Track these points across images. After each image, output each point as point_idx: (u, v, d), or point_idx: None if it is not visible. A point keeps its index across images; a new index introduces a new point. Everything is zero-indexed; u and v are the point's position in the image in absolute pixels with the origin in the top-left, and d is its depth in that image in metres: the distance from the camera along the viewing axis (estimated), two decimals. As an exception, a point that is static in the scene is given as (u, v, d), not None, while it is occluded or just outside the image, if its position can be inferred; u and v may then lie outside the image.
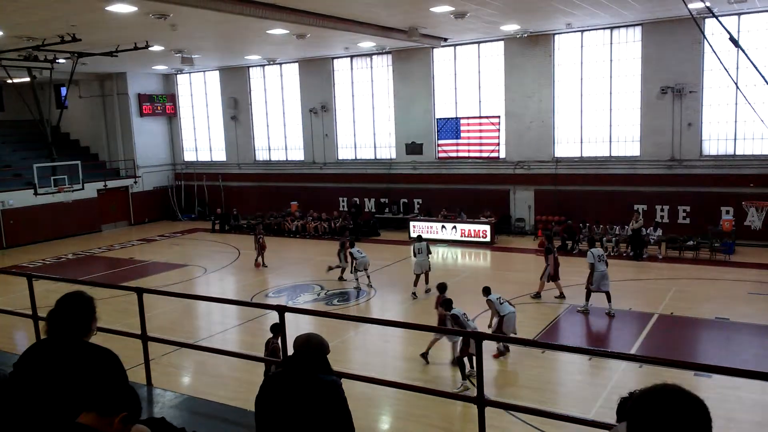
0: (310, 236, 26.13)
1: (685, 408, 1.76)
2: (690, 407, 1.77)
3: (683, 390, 1.80)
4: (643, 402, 1.82)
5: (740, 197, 18.67)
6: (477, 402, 4.72)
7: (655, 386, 1.85)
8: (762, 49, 19.50)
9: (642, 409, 1.81)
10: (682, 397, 1.79)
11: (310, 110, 28.87)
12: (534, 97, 23.86)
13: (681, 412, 1.75)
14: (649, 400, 1.81)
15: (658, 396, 1.80)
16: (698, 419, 1.76)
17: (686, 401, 1.78)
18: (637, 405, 1.83)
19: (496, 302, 11.94)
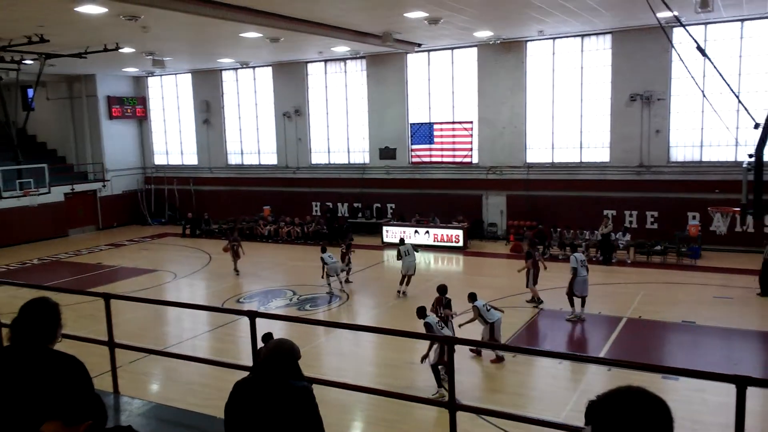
0: (283, 241, 25.97)
1: (647, 409, 1.79)
2: (652, 408, 1.79)
3: (645, 391, 1.83)
4: (606, 404, 1.84)
5: (706, 203, 19.07)
6: (449, 407, 4.73)
7: (618, 388, 1.87)
8: (727, 58, 20.00)
9: (605, 411, 1.83)
10: (644, 399, 1.81)
11: (284, 114, 28.73)
12: (507, 103, 24.11)
13: (643, 413, 1.78)
14: (612, 402, 1.83)
15: (620, 398, 1.83)
16: (660, 420, 1.78)
17: (648, 402, 1.80)
18: (601, 407, 1.85)
19: (482, 309, 11.79)
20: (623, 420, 1.79)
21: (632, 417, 1.78)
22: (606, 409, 1.83)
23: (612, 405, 1.82)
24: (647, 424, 1.77)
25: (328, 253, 17.66)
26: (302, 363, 3.85)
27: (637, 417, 1.78)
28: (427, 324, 10.74)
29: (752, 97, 19.01)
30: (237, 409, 3.86)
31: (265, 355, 3.90)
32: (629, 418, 1.78)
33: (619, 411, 1.81)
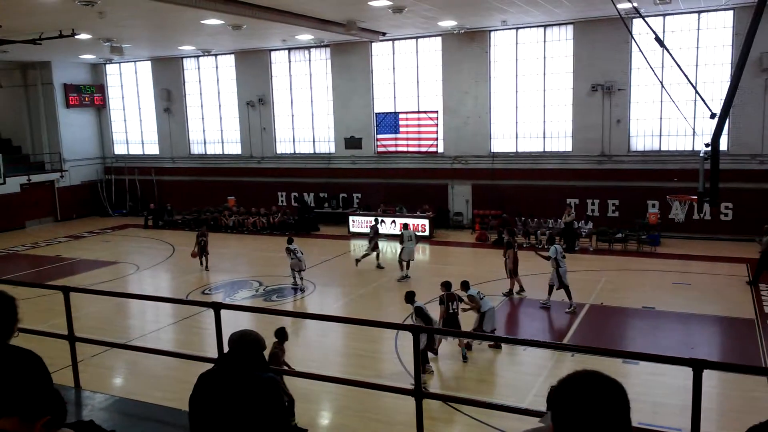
0: (249, 232, 25.70)
1: (603, 392, 1.83)
2: (608, 391, 1.83)
3: (601, 375, 1.87)
4: (563, 389, 1.87)
5: (665, 191, 19.50)
6: (414, 394, 4.76)
7: (574, 373, 1.90)
8: (685, 49, 20.45)
9: (563, 395, 1.86)
10: (600, 382, 1.85)
11: (247, 103, 28.36)
12: (471, 92, 24.23)
13: (599, 396, 1.81)
14: (569, 386, 1.86)
15: (576, 382, 1.86)
16: (616, 402, 1.82)
17: (604, 385, 1.84)
18: (558, 392, 1.88)
19: (477, 297, 11.69)
20: (580, 403, 1.82)
21: (588, 400, 1.81)
22: (563, 394, 1.86)
23: (568, 389, 1.86)
24: (603, 407, 1.80)
25: (294, 245, 17.06)
26: (268, 354, 3.82)
27: (593, 400, 1.81)
28: (418, 308, 10.93)
29: (709, 88, 19.48)
30: (201, 401, 3.81)
31: (230, 347, 3.86)
32: (586, 401, 1.81)
33: (575, 395, 1.83)
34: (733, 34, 20.00)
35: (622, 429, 1.81)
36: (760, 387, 9.84)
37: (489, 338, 11.25)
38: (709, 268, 17.61)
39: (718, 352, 12.24)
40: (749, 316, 13.60)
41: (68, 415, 3.04)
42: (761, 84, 19.91)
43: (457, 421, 9.08)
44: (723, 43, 20.43)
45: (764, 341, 12.09)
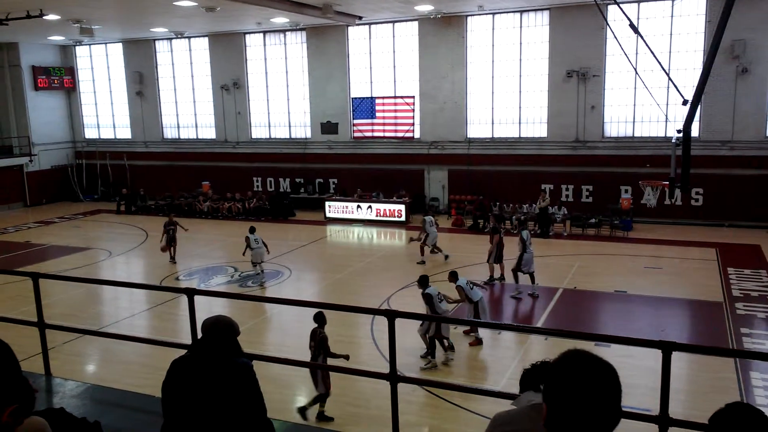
0: (224, 217, 25.46)
1: (598, 373, 1.85)
2: (603, 372, 1.86)
3: (594, 356, 1.89)
4: (558, 369, 1.88)
5: (638, 177, 19.76)
6: (390, 379, 4.78)
7: (568, 353, 1.91)
8: (659, 35, 20.64)
9: (558, 375, 1.87)
10: (594, 363, 1.87)
11: (222, 87, 27.98)
12: (447, 78, 24.20)
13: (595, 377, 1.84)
14: (564, 366, 1.87)
15: (572, 362, 1.87)
16: (611, 383, 1.85)
17: (598, 366, 1.87)
18: (553, 370, 1.88)
19: (466, 288, 11.30)
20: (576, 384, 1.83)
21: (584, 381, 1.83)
22: (559, 374, 1.87)
23: (564, 369, 1.87)
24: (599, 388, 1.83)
25: (255, 235, 16.21)
26: (244, 340, 3.79)
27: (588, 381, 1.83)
28: (427, 295, 10.70)
29: (681, 75, 19.73)
30: (175, 387, 3.77)
31: (203, 332, 3.82)
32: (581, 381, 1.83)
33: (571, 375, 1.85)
34: (706, 22, 20.24)
35: (613, 409, 1.84)
36: (727, 368, 10.08)
37: (474, 323, 11.31)
38: (679, 253, 17.93)
39: (688, 334, 12.49)
40: (718, 299, 13.90)
41: (38, 403, 2.99)
42: (732, 71, 20.20)
43: (433, 405, 9.15)
44: (696, 30, 20.67)
45: (732, 323, 12.37)
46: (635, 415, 4.09)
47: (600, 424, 1.82)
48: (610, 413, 1.83)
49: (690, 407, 8.62)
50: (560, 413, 1.84)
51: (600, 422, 1.82)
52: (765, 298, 13.85)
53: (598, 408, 1.81)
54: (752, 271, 15.94)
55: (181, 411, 3.70)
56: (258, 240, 16.05)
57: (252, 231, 16.39)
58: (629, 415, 7.33)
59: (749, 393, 9.29)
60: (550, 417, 1.86)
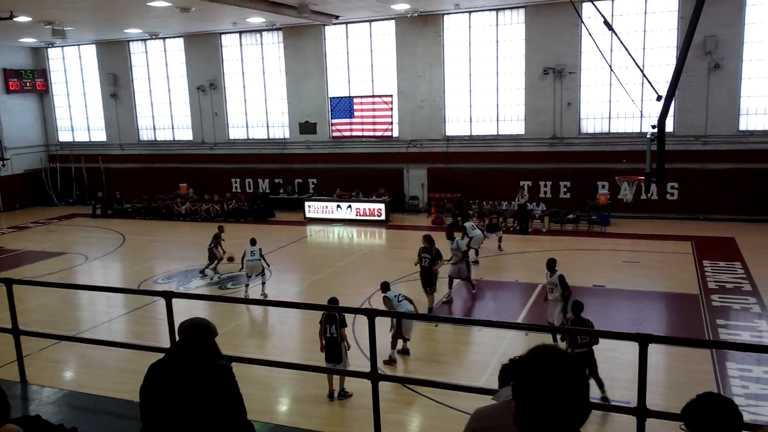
0: (202, 219, 25.23)
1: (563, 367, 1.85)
2: (568, 367, 1.85)
3: (560, 350, 1.89)
4: (524, 365, 1.88)
5: (614, 173, 19.97)
6: (370, 377, 4.77)
7: (534, 348, 1.92)
8: (633, 32, 20.89)
9: (524, 371, 1.88)
10: (559, 358, 1.87)
11: (198, 88, 27.73)
12: (425, 76, 24.25)
13: (560, 372, 1.84)
14: (530, 362, 1.88)
15: (537, 358, 1.88)
16: (576, 377, 1.84)
17: (563, 361, 1.87)
18: (520, 368, 1.89)
19: (393, 300, 10.80)
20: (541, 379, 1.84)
21: (549, 376, 1.84)
22: (525, 370, 1.88)
23: (530, 365, 1.88)
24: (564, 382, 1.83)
25: (254, 246, 15.10)
26: (224, 342, 3.76)
27: (553, 375, 1.84)
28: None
29: (655, 71, 19.96)
30: (153, 391, 3.73)
31: (180, 335, 3.79)
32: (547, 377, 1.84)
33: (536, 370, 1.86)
34: (679, 18, 20.52)
35: (581, 404, 1.84)
36: (704, 359, 10.23)
37: (447, 320, 11.35)
38: (656, 247, 18.17)
39: (666, 326, 12.66)
40: (694, 291, 14.11)
41: (14, 411, 2.93)
42: (705, 67, 20.52)
43: (415, 403, 9.17)
44: (669, 27, 20.95)
45: (708, 315, 12.57)
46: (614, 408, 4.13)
47: (567, 418, 1.82)
48: (577, 408, 1.83)
49: (668, 399, 8.73)
50: (528, 409, 1.84)
51: (567, 417, 1.82)
52: (740, 289, 14.09)
53: (565, 403, 1.81)
54: (727, 263, 16.20)
55: (160, 415, 3.66)
56: (255, 252, 14.90)
57: (253, 242, 15.32)
58: (608, 408, 7.43)
59: (725, 383, 9.45)
60: (519, 413, 1.87)
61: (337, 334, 9.39)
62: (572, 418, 1.83)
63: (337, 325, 9.41)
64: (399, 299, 10.84)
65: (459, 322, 12.67)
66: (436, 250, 13.37)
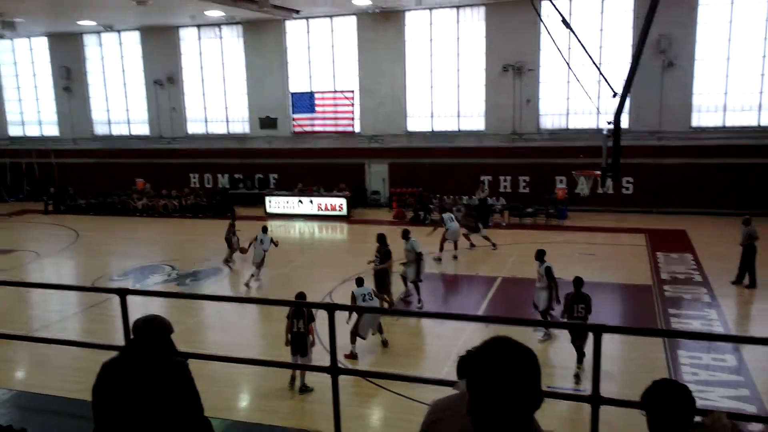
0: (159, 215, 24.75)
1: (513, 357, 1.88)
2: (518, 356, 1.88)
3: (512, 341, 1.92)
4: (476, 357, 1.91)
5: (572, 167, 20.33)
6: (330, 371, 4.75)
7: (487, 340, 1.94)
8: (590, 30, 21.29)
9: (476, 363, 1.90)
10: (510, 348, 1.90)
11: (155, 82, 27.17)
12: (387, 72, 24.26)
13: (510, 362, 1.86)
14: (481, 354, 1.91)
15: (488, 349, 1.90)
16: (527, 367, 1.87)
17: (514, 351, 1.89)
18: (472, 360, 1.91)
19: (359, 298, 10.66)
20: (492, 369, 1.86)
21: (500, 366, 1.86)
22: (476, 361, 1.90)
23: (481, 357, 1.90)
24: (514, 372, 1.85)
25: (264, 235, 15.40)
26: (182, 339, 3.69)
27: (504, 366, 1.86)
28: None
29: (612, 69, 20.36)
30: (105, 390, 3.64)
31: (134, 333, 3.70)
32: (497, 367, 1.86)
33: (487, 361, 1.88)
34: (634, 17, 21.00)
35: (532, 393, 1.87)
36: (657, 348, 10.52)
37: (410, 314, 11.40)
38: (611, 239, 18.59)
39: (620, 317, 12.97)
40: (647, 282, 14.49)
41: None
42: (659, 65, 21.05)
43: (377, 396, 9.18)
44: (624, 26, 21.42)
45: (660, 306, 12.93)
46: (569, 396, 4.21)
47: (518, 407, 1.85)
48: (528, 397, 1.85)
49: (623, 386, 8.95)
50: (480, 399, 1.86)
51: (518, 406, 1.85)
52: (691, 280, 14.53)
53: (514, 392, 1.83)
54: (679, 254, 16.70)
55: (113, 414, 3.58)
56: (264, 241, 15.24)
57: (264, 231, 15.61)
58: (563, 396, 7.58)
59: (677, 370, 9.73)
60: (472, 404, 1.89)
61: (305, 329, 9.39)
62: (523, 407, 1.85)
63: (305, 320, 9.39)
64: (365, 299, 10.66)
65: (419, 316, 12.73)
66: (386, 251, 12.90)
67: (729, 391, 9.12)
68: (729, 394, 9.01)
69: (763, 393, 9.07)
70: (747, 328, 12.35)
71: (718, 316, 12.26)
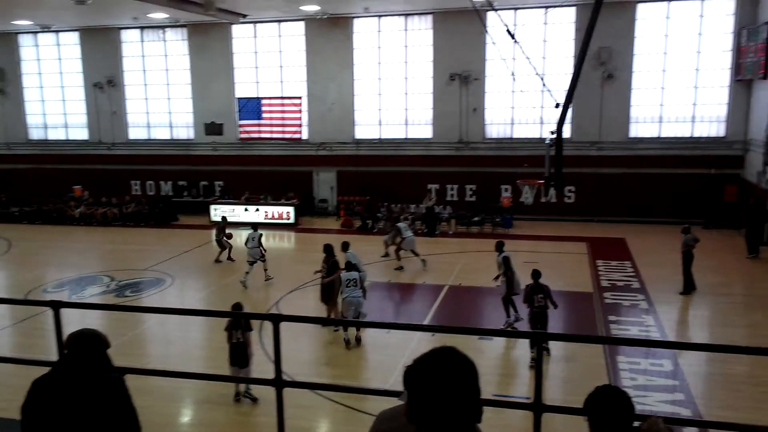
0: (98, 223, 23.90)
1: (448, 367, 1.90)
2: (453, 366, 1.90)
3: (449, 351, 1.93)
4: (413, 368, 1.92)
5: (517, 176, 20.76)
6: (275, 384, 4.65)
7: (427, 351, 1.96)
8: (534, 42, 21.80)
9: (412, 374, 1.92)
10: (445, 358, 1.92)
11: (95, 85, 26.32)
12: (335, 79, 24.21)
13: (444, 372, 1.89)
14: (418, 365, 1.93)
15: (424, 360, 1.93)
16: (461, 376, 1.88)
17: (450, 361, 1.91)
18: (409, 371, 1.92)
19: (344, 281, 11.67)
20: (427, 379, 1.88)
21: (434, 376, 1.88)
22: (412, 372, 1.92)
23: (417, 368, 1.90)
24: (448, 381, 1.88)
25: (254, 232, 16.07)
26: (122, 353, 3.54)
27: (438, 376, 1.88)
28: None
29: (554, 79, 20.91)
30: (37, 408, 3.47)
31: (68, 347, 3.54)
32: (432, 377, 1.88)
33: (423, 372, 1.90)
34: (576, 30, 21.62)
35: (470, 403, 1.87)
36: (598, 354, 10.77)
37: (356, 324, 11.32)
38: (554, 247, 19.01)
39: (563, 324, 13.23)
40: (589, 289, 14.87)
41: None
42: (599, 77, 21.73)
43: (324, 407, 9.06)
44: (567, 38, 22.03)
45: (601, 312, 13.27)
46: (511, 404, 4.23)
47: (456, 417, 1.86)
48: (466, 407, 1.87)
49: (567, 393, 9.13)
50: (418, 409, 1.88)
51: (456, 416, 1.86)
52: (629, 287, 14.99)
53: (451, 402, 1.85)
54: (618, 262, 17.21)
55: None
56: (254, 239, 15.82)
57: (254, 228, 16.36)
58: (505, 404, 7.67)
59: (617, 376, 9.99)
60: (410, 411, 1.91)
61: (243, 339, 9.19)
62: (462, 417, 1.87)
63: (242, 330, 9.23)
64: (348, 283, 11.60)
65: (368, 326, 12.67)
66: (333, 262, 12.78)
67: (666, 395, 9.42)
68: (666, 399, 9.31)
69: (697, 397, 9.40)
70: (683, 333, 12.81)
71: (655, 322, 12.68)
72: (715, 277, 15.39)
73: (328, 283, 12.62)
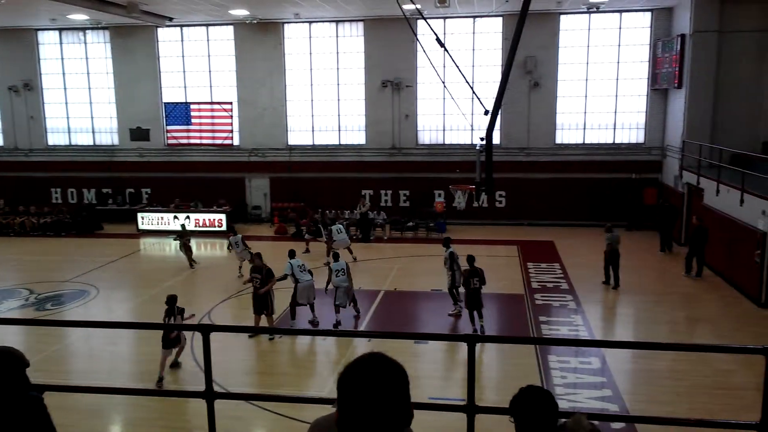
0: (15, 234, 22.64)
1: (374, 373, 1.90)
2: (379, 371, 1.92)
3: (376, 357, 1.94)
4: (342, 375, 1.92)
5: (449, 182, 21.04)
6: (206, 396, 4.50)
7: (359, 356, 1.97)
8: (463, 50, 22.24)
9: (340, 380, 1.91)
10: (372, 364, 1.93)
11: (10, 88, 24.97)
12: (266, 84, 23.90)
13: (371, 378, 1.88)
14: (345, 371, 1.92)
15: (352, 366, 1.92)
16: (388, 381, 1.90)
17: (376, 367, 1.92)
18: (341, 376, 1.92)
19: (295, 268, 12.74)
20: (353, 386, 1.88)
21: (360, 382, 1.87)
22: (341, 379, 1.92)
23: (345, 374, 1.92)
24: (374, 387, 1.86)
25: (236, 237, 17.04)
26: (42, 369, 3.34)
27: (364, 382, 1.87)
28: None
29: (483, 87, 21.40)
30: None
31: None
32: (358, 384, 1.87)
33: (349, 378, 1.90)
34: (503, 39, 22.20)
35: (400, 408, 1.87)
36: (530, 354, 11.05)
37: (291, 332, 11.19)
38: (487, 251, 19.35)
39: (496, 325, 13.50)
40: (520, 291, 15.25)
41: None
42: (526, 85, 22.39)
43: (258, 417, 8.88)
44: (494, 47, 22.58)
45: (532, 313, 13.63)
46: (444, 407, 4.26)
47: (385, 422, 1.86)
48: (395, 412, 1.87)
49: (501, 393, 9.30)
50: (348, 414, 1.87)
51: (385, 421, 1.85)
52: (558, 288, 15.47)
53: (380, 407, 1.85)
54: (548, 264, 17.75)
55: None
56: (238, 243, 16.65)
57: (234, 232, 17.55)
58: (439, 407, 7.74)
59: (548, 375, 10.27)
60: (341, 420, 1.90)
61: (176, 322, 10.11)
62: (391, 422, 1.86)
63: (174, 316, 10.00)
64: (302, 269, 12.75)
65: (304, 333, 12.53)
66: (268, 269, 12.56)
67: (594, 392, 9.76)
68: (594, 395, 9.64)
69: (624, 392, 9.78)
70: (609, 331, 13.31)
71: (583, 322, 13.13)
72: (634, 276, 16.08)
73: (265, 293, 12.38)
